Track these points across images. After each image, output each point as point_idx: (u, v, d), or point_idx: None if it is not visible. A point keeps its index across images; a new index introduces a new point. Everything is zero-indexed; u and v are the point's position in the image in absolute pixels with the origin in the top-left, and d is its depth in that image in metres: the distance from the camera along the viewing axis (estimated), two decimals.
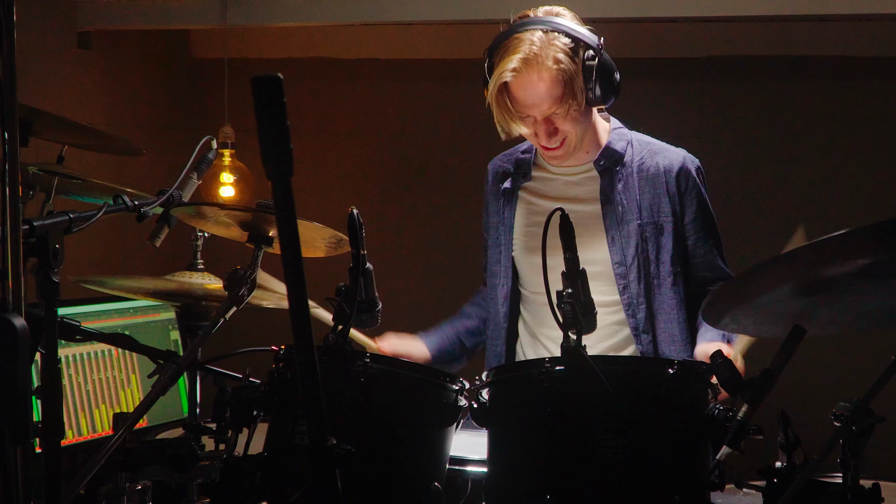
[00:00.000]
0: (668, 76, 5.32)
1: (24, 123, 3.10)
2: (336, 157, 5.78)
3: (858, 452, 2.26)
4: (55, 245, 2.25)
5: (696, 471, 2.37)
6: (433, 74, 5.54)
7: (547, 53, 3.08)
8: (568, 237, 2.39)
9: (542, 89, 3.10)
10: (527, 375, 2.47)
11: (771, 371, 2.31)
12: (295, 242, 1.67)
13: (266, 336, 2.98)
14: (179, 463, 2.65)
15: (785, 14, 4.46)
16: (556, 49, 3.09)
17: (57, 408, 2.27)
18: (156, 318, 4.15)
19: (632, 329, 3.28)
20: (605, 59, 3.14)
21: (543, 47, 3.09)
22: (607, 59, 3.15)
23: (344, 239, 2.82)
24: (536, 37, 3.10)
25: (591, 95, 3.13)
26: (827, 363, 4.57)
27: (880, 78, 5.05)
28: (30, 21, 4.84)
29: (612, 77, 3.16)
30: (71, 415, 3.74)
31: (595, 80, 3.12)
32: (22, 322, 1.86)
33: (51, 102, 3.46)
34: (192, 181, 2.93)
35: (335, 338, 2.47)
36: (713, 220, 3.36)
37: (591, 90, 3.12)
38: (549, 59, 3.08)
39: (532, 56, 3.08)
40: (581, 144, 3.26)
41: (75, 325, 2.84)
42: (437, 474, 2.55)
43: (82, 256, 4.98)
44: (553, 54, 3.08)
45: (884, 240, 2.16)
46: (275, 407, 2.55)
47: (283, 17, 5.14)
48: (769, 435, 2.35)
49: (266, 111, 1.61)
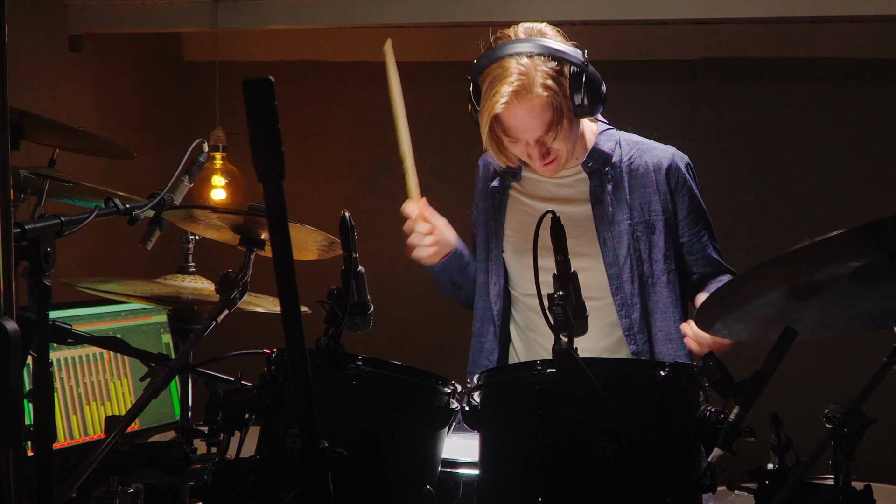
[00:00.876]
0: (659, 78, 5.33)
1: (15, 127, 3.10)
2: (327, 159, 5.78)
3: (850, 454, 2.26)
4: (47, 248, 2.25)
5: (687, 473, 2.37)
6: (423, 77, 5.54)
7: (535, 81, 3.08)
8: (559, 239, 2.39)
9: (533, 117, 3.12)
10: (518, 378, 2.47)
11: (762, 373, 2.31)
12: (287, 245, 1.67)
13: (258, 339, 2.98)
14: (171, 466, 2.64)
15: (777, 16, 4.48)
16: (543, 75, 3.09)
17: (49, 411, 2.26)
18: (147, 321, 4.14)
19: (625, 330, 3.28)
20: (591, 73, 3.14)
21: (530, 74, 3.08)
22: (593, 73, 3.15)
23: (336, 242, 2.82)
24: (523, 63, 3.09)
25: (579, 109, 3.14)
26: (819, 365, 4.58)
27: (872, 80, 5.06)
28: (21, 24, 4.84)
29: (598, 89, 3.16)
30: (63, 418, 3.73)
31: (582, 95, 3.12)
32: (13, 325, 1.85)
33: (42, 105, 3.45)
34: (184, 184, 2.93)
35: (327, 341, 2.47)
36: (706, 215, 3.37)
37: (578, 105, 3.13)
38: (537, 87, 3.08)
39: (520, 87, 3.07)
40: (572, 154, 3.27)
41: (67, 328, 2.83)
42: (429, 477, 2.55)
43: (74, 260, 4.97)
44: (541, 81, 3.08)
45: (873, 242, 2.16)
46: (267, 410, 2.55)
47: (274, 21, 5.14)
48: (761, 437, 2.35)
49: (257, 114, 1.61)
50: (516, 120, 3.13)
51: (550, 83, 3.09)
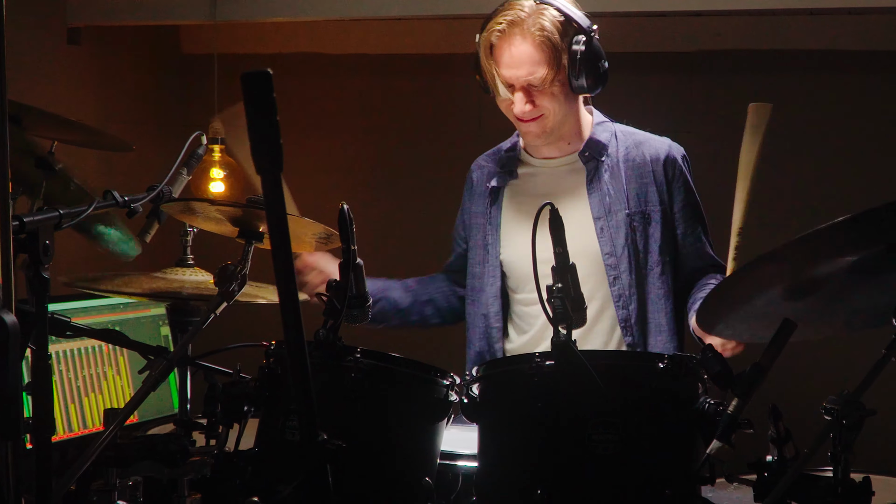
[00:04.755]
0: (657, 71, 5.32)
1: (13, 119, 3.09)
2: (326, 152, 5.77)
3: (849, 446, 2.26)
4: (45, 241, 2.25)
5: (686, 465, 2.37)
6: (422, 70, 5.53)
7: (534, 20, 3.14)
8: (557, 231, 2.39)
9: (523, 52, 3.15)
10: (517, 370, 2.48)
11: (761, 365, 2.31)
12: (285, 238, 1.67)
13: (257, 331, 2.98)
14: (170, 459, 2.64)
15: (775, 8, 4.47)
16: (544, 18, 3.14)
17: (47, 404, 2.26)
18: (146, 313, 4.14)
19: (621, 321, 3.27)
20: (595, 45, 3.16)
21: (531, 14, 3.15)
22: (597, 46, 3.17)
23: (334, 234, 2.82)
24: (527, 5, 3.16)
25: (576, 80, 3.15)
26: (817, 357, 4.57)
27: (870, 72, 5.05)
28: (19, 17, 4.83)
29: (597, 63, 3.17)
30: (61, 411, 3.73)
31: (581, 64, 3.13)
32: (12, 318, 1.85)
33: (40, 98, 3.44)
34: (182, 177, 2.93)
35: (326, 333, 2.47)
36: (700, 208, 3.38)
37: (574, 74, 3.14)
38: (534, 26, 3.13)
39: (518, 19, 3.14)
40: (561, 130, 3.27)
41: (65, 320, 2.83)
42: (428, 469, 2.55)
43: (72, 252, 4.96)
44: (540, 22, 3.14)
45: (870, 232, 2.16)
46: (265, 402, 2.56)
47: (272, 13, 5.13)
48: (760, 429, 2.35)
49: (256, 107, 1.61)
50: (508, 52, 3.17)
51: (549, 27, 3.14)
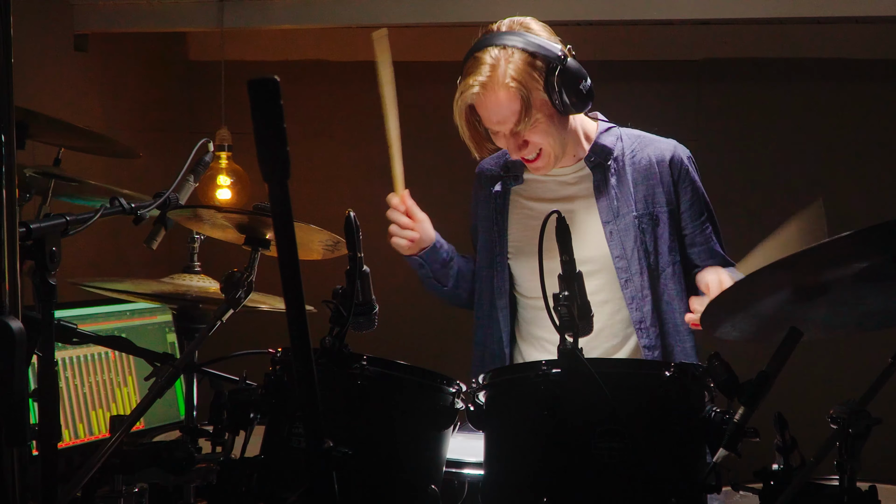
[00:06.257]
0: (664, 78, 5.33)
1: (20, 126, 3.10)
2: (332, 159, 5.78)
3: (855, 455, 2.26)
4: (52, 248, 2.25)
5: (692, 473, 2.37)
6: (429, 76, 5.53)
7: (504, 71, 3.12)
8: (564, 239, 2.39)
9: (503, 107, 3.15)
10: (523, 378, 2.47)
11: (767, 373, 2.31)
12: (292, 245, 1.67)
13: (263, 339, 2.98)
14: (176, 466, 2.64)
15: (782, 16, 4.48)
16: (511, 65, 3.12)
17: (53, 410, 2.26)
18: (153, 320, 4.15)
19: (636, 323, 3.27)
20: (569, 67, 3.14)
21: (499, 66, 3.12)
22: (572, 67, 3.15)
23: (341, 241, 2.82)
24: (494, 55, 3.14)
25: (559, 104, 3.15)
26: (824, 365, 4.57)
27: (877, 80, 5.06)
28: (26, 24, 4.84)
29: (578, 84, 3.16)
30: (68, 417, 3.74)
31: (559, 90, 3.13)
32: (19, 325, 1.86)
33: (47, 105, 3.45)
34: (189, 184, 2.93)
35: (332, 340, 2.47)
36: (709, 207, 3.38)
37: (555, 100, 3.14)
38: (505, 78, 3.12)
39: (488, 79, 3.13)
40: (563, 152, 3.27)
41: (72, 327, 2.84)
42: (434, 477, 2.55)
43: (79, 259, 4.98)
44: (509, 73, 3.12)
45: (879, 243, 2.16)
46: (271, 409, 2.55)
47: (279, 20, 5.15)
48: (766, 437, 2.34)
49: (263, 114, 1.61)
50: (487, 111, 3.18)
51: (518, 75, 3.12)
